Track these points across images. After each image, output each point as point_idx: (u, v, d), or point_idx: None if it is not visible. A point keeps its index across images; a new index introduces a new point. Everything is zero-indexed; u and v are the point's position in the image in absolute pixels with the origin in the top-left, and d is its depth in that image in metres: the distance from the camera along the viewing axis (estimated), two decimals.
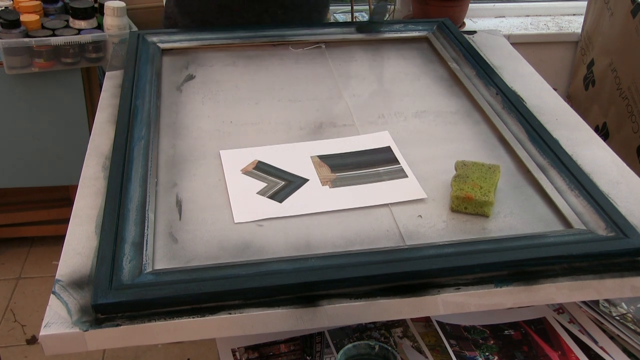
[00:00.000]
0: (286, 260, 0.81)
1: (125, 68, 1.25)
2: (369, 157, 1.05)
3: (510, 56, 1.39)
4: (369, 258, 0.81)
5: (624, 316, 0.96)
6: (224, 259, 0.83)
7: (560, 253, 0.83)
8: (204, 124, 1.13)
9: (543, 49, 2.42)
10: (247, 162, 1.02)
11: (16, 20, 1.76)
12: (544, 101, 1.21)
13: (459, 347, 0.89)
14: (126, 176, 0.94)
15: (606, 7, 2.16)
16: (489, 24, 2.44)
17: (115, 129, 1.06)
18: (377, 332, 0.92)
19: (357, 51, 1.40)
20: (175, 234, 0.87)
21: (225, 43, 1.39)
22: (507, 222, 0.91)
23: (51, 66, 1.81)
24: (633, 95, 1.99)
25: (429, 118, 1.17)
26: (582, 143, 1.08)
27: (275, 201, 0.94)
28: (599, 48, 2.22)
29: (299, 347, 0.89)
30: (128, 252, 0.81)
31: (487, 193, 0.91)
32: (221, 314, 0.75)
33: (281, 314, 0.76)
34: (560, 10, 2.55)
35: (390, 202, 0.94)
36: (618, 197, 0.95)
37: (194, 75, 1.28)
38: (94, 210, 0.90)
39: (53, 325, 0.73)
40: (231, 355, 0.88)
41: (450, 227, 0.90)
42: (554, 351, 0.90)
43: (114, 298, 0.74)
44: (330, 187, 0.97)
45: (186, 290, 0.75)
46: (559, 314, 0.96)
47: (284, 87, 1.25)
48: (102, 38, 1.80)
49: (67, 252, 0.83)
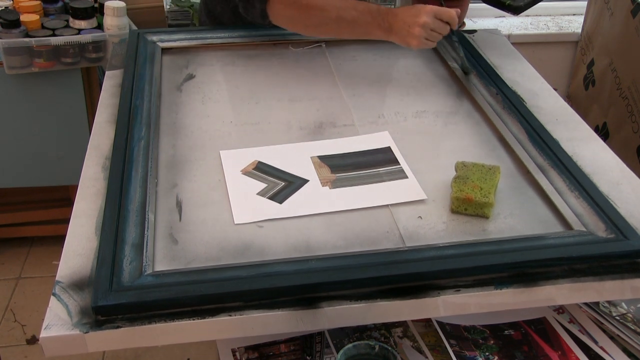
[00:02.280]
0: (286, 261, 0.81)
1: (125, 67, 1.25)
2: (369, 158, 1.04)
3: (511, 56, 1.39)
4: (369, 260, 0.81)
5: (624, 316, 0.96)
6: (224, 260, 0.83)
7: (560, 255, 0.83)
8: (204, 124, 1.13)
9: (543, 48, 2.42)
10: (247, 162, 1.02)
11: (16, 20, 1.76)
12: (544, 101, 1.21)
13: (459, 347, 0.89)
14: (126, 177, 0.94)
15: (606, 7, 2.16)
16: (489, 24, 2.43)
17: (115, 129, 1.06)
18: (377, 332, 0.92)
19: (357, 51, 1.40)
20: (176, 235, 0.87)
21: (225, 42, 1.39)
22: (507, 223, 0.91)
23: (51, 66, 1.80)
24: (633, 95, 1.99)
25: (429, 118, 1.17)
26: (582, 143, 1.08)
27: (275, 202, 0.94)
28: (599, 48, 2.22)
29: (299, 347, 0.89)
30: (128, 253, 0.81)
31: (487, 194, 0.91)
32: (221, 316, 0.75)
33: (281, 316, 0.76)
34: (560, 10, 2.55)
35: (390, 203, 0.94)
36: (618, 198, 0.95)
37: (194, 75, 1.28)
38: (94, 211, 0.90)
39: (53, 327, 0.73)
40: (231, 355, 0.88)
41: (450, 229, 0.90)
42: (554, 351, 0.90)
43: (114, 300, 0.74)
44: (330, 187, 0.97)
45: (186, 292, 0.75)
46: (559, 314, 0.96)
47: (284, 87, 1.25)
48: (102, 38, 1.80)
49: (67, 253, 0.83)
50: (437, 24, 1.16)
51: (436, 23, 1.15)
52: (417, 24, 1.15)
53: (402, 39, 1.18)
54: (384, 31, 1.19)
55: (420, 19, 1.14)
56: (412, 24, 1.15)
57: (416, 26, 1.15)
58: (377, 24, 1.19)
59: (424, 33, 1.15)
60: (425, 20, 1.14)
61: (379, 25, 1.19)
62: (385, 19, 1.18)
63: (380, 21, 1.19)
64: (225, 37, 1.39)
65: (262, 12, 1.25)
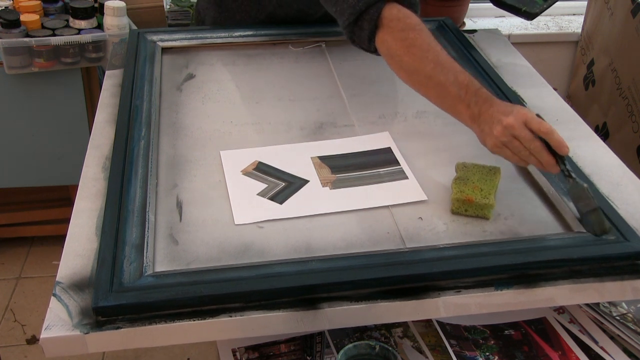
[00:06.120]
0: (287, 262, 0.81)
1: (125, 67, 1.25)
2: (370, 158, 1.04)
3: (511, 56, 1.39)
4: (369, 261, 0.81)
5: (624, 316, 0.96)
6: (225, 261, 0.83)
7: (560, 256, 0.83)
8: (204, 124, 1.13)
9: (543, 48, 2.42)
10: (247, 162, 1.02)
11: (16, 20, 1.76)
12: (544, 101, 1.21)
13: (459, 347, 0.89)
14: (126, 177, 0.94)
15: (606, 7, 2.16)
16: (489, 24, 2.43)
17: (116, 129, 1.06)
18: (378, 332, 0.92)
19: (357, 50, 1.39)
20: (176, 235, 0.87)
21: (225, 42, 1.39)
22: (507, 224, 0.91)
23: (51, 66, 1.80)
24: (633, 95, 1.99)
25: (429, 118, 1.17)
26: (582, 143, 1.08)
27: (275, 202, 0.94)
28: (599, 48, 2.22)
29: (299, 347, 0.89)
30: (129, 254, 0.81)
31: (488, 195, 0.91)
32: (222, 317, 0.75)
33: (282, 317, 0.76)
34: (560, 10, 2.55)
35: (390, 204, 0.94)
36: (618, 199, 0.95)
37: (194, 75, 1.28)
38: (94, 211, 0.90)
39: (54, 328, 0.73)
40: (231, 355, 0.88)
41: (450, 230, 0.90)
42: (554, 351, 0.90)
43: (115, 301, 0.74)
44: (330, 188, 0.97)
45: (187, 293, 0.75)
46: (559, 314, 0.96)
47: (284, 87, 1.25)
48: (102, 38, 1.80)
49: (68, 254, 0.83)
50: (525, 133, 0.89)
51: (524, 132, 0.89)
52: (500, 122, 0.91)
53: (481, 134, 0.96)
54: (470, 115, 0.97)
55: (507, 118, 0.90)
56: (497, 122, 0.92)
57: (499, 125, 0.91)
58: (466, 104, 0.97)
59: (503, 136, 0.91)
60: (510, 122, 0.90)
61: (468, 106, 0.97)
62: (478, 103, 0.96)
63: (473, 103, 0.96)
64: (225, 37, 1.39)
65: (370, 34, 1.10)
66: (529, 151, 0.91)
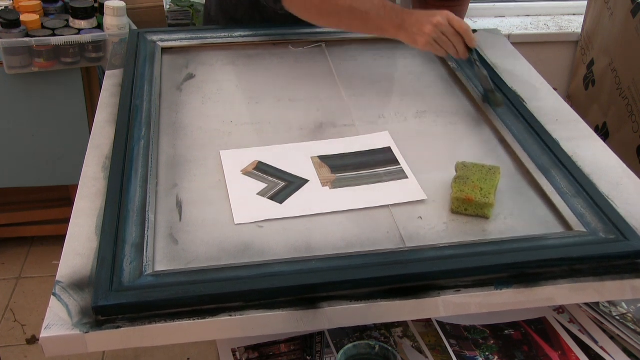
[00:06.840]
0: (287, 262, 0.81)
1: (125, 67, 1.25)
2: (369, 158, 1.05)
3: (511, 56, 1.39)
4: (369, 260, 0.81)
5: (624, 316, 0.96)
6: (225, 260, 0.83)
7: (560, 255, 0.83)
8: (204, 124, 1.13)
9: (543, 48, 2.42)
10: (247, 162, 1.02)
11: (16, 20, 1.76)
12: (544, 101, 1.21)
13: (459, 347, 0.89)
14: (126, 177, 0.94)
15: (606, 7, 2.16)
16: (489, 24, 2.43)
17: (116, 129, 1.06)
18: (378, 332, 0.92)
19: (357, 50, 1.40)
20: (176, 235, 0.87)
21: (225, 42, 1.39)
22: (507, 223, 0.91)
23: (51, 66, 1.81)
24: (633, 95, 1.99)
25: (429, 118, 1.17)
26: (582, 143, 1.08)
27: (275, 202, 0.94)
28: (599, 48, 2.22)
29: (299, 347, 0.89)
30: (128, 253, 0.81)
31: (488, 195, 0.91)
32: (222, 316, 0.75)
33: (282, 316, 0.76)
34: (560, 10, 2.55)
35: (390, 204, 0.94)
36: (618, 198, 0.95)
37: (194, 75, 1.28)
38: (94, 211, 0.90)
39: (54, 327, 0.73)
40: (231, 355, 0.88)
41: (450, 229, 0.90)
42: (554, 351, 0.90)
43: (115, 300, 0.74)
44: (330, 188, 0.97)
45: (187, 292, 0.75)
46: (559, 314, 0.96)
47: (284, 87, 1.25)
48: (102, 38, 1.80)
49: (68, 253, 0.83)
50: (450, 29, 1.12)
51: (449, 28, 1.12)
52: (430, 22, 1.12)
53: (410, 36, 1.16)
54: (395, 27, 1.17)
55: (434, 18, 1.12)
56: (425, 22, 1.12)
57: (429, 24, 1.12)
58: (389, 19, 1.17)
59: (434, 33, 1.12)
60: (439, 20, 1.12)
61: (391, 21, 1.17)
62: (399, 16, 1.16)
63: (394, 17, 1.16)
64: (225, 37, 1.39)
65: None
66: (452, 43, 1.13)
